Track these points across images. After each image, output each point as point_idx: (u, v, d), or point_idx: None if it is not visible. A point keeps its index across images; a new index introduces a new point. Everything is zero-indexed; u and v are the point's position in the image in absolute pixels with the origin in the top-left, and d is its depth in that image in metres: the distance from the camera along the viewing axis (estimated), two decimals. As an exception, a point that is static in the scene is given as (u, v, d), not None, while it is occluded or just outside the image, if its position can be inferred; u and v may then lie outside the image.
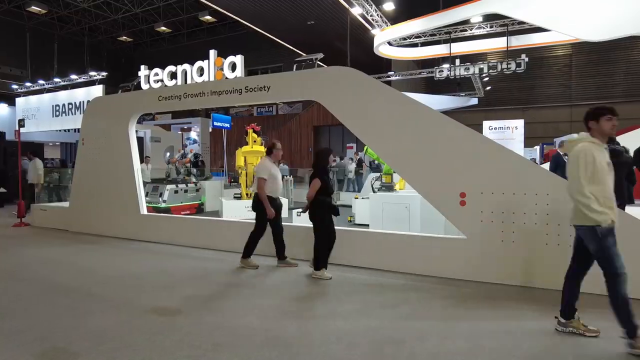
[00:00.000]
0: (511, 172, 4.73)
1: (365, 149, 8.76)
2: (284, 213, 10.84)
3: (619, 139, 9.30)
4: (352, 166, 15.84)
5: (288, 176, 13.55)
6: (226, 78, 7.14)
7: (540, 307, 4.02)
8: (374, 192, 7.83)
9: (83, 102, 21.88)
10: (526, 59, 18.42)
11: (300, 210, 8.95)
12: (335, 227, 5.26)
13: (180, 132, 25.29)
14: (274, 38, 26.44)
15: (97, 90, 21.79)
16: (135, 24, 32.14)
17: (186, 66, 7.63)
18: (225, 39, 31.60)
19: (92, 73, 26.61)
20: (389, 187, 7.70)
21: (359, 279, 5.06)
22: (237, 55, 7.15)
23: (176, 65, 7.76)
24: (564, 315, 3.48)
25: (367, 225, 7.51)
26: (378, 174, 9.17)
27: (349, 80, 5.69)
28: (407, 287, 4.73)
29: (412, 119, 5.27)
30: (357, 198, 9.70)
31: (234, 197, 11.36)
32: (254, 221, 5.63)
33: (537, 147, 21.84)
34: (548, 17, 9.82)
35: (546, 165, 10.94)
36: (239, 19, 23.89)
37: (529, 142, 22.92)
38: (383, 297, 4.42)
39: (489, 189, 4.76)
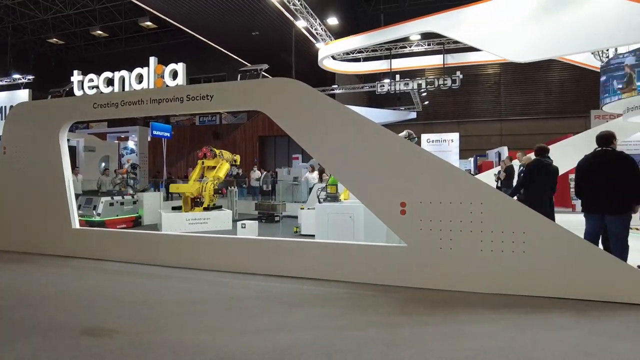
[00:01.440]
0: (448, 183, 4.98)
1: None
2: (228, 225, 10.69)
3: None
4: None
5: (233, 187, 13.33)
6: (167, 86, 6.93)
7: (476, 311, 4.24)
8: (319, 202, 7.90)
9: (5, 107, 20.17)
10: (461, 76, 19.64)
11: (244, 222, 8.82)
12: (282, 239, 5.23)
13: (116, 141, 24.02)
14: (218, 47, 26.06)
15: (23, 95, 20.19)
16: (68, 25, 30.25)
17: (124, 73, 7.30)
18: (166, 46, 30.64)
19: (17, 76, 24.62)
20: (334, 198, 7.81)
21: (304, 290, 5.05)
22: (178, 63, 6.97)
23: (113, 72, 7.41)
24: None
25: (313, 235, 7.55)
26: (323, 184, 9.27)
27: (294, 91, 5.74)
28: (351, 296, 4.80)
29: (354, 131, 5.40)
30: (303, 209, 9.73)
31: (172, 209, 11.00)
32: (200, 235, 5.46)
33: (472, 159, 23.24)
34: (479, 38, 10.56)
35: (482, 175, 11.62)
36: (180, 26, 23.31)
37: (463, 154, 24.34)
38: (328, 308, 4.44)
39: (428, 199, 4.97)
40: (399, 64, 21.61)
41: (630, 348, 3.38)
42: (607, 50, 11.02)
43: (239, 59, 26.57)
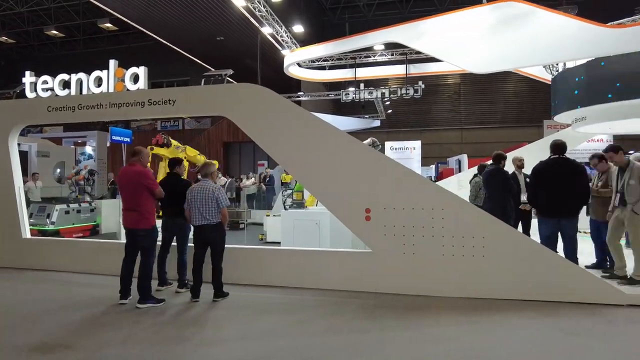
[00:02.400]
0: (411, 189, 5.09)
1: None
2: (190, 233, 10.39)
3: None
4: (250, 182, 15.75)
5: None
6: (128, 90, 6.72)
7: (440, 314, 4.34)
8: (285, 209, 7.87)
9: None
10: (422, 86, 20.20)
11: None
12: (247, 246, 5.18)
13: (73, 147, 22.97)
14: (181, 51, 25.57)
15: (-32, 97, 18.96)
16: (20, 24, 28.77)
17: (82, 75, 7.04)
18: (127, 49, 29.73)
19: (-39, 76, 23.12)
20: (299, 204, 7.80)
21: (271, 298, 5.00)
22: (140, 67, 6.79)
23: (70, 74, 7.11)
24: None
25: (279, 243, 7.50)
26: (290, 191, 9.25)
27: (259, 97, 5.71)
28: (318, 303, 4.80)
29: (320, 138, 5.44)
30: (269, 216, 9.66)
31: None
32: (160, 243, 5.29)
33: (433, 166, 23.90)
34: (440, 49, 10.92)
35: (443, 182, 11.95)
36: (142, 29, 22.71)
37: (425, 161, 24.97)
38: (294, 315, 4.42)
39: (392, 205, 5.06)
40: (364, 72, 21.96)
41: (581, 344, 3.57)
42: (557, 64, 11.69)
43: (203, 64, 26.17)
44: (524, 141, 15.06)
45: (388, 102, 27.43)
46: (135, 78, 6.76)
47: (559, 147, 5.39)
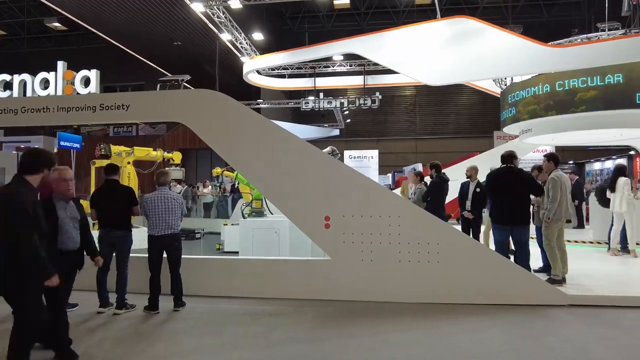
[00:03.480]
0: (369, 197, 5.19)
1: (235, 174, 8.67)
2: (142, 244, 9.99)
3: (452, 168, 10.95)
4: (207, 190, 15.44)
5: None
6: (77, 93, 6.41)
7: (398, 320, 4.42)
8: (243, 218, 7.75)
9: None
10: (380, 97, 20.70)
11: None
12: (204, 257, 5.05)
13: (15, 152, 21.53)
14: (136, 55, 24.74)
15: None
16: (-45, 20, 26.79)
17: (26, 76, 6.63)
18: (78, 51, 28.35)
19: None
20: (259, 213, 7.72)
21: (229, 310, 4.90)
22: (91, 70, 6.51)
23: (12, 74, 6.69)
24: None
25: (237, 252, 7.37)
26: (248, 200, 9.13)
27: (217, 104, 5.63)
28: (277, 313, 4.75)
29: (279, 145, 5.43)
30: (226, 225, 9.48)
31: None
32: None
33: (390, 175, 24.46)
34: (397, 61, 11.26)
35: (399, 190, 12.22)
36: (94, 30, 21.78)
37: (382, 170, 25.52)
38: (253, 326, 4.35)
39: (350, 212, 5.13)
40: (323, 82, 22.20)
41: (531, 344, 3.76)
42: (506, 78, 12.37)
43: (160, 69, 25.44)
44: (476, 151, 15.75)
45: (347, 112, 27.85)
46: (87, 81, 6.47)
47: (508, 158, 5.64)
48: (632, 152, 19.56)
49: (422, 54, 10.80)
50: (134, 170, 10.63)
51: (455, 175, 8.32)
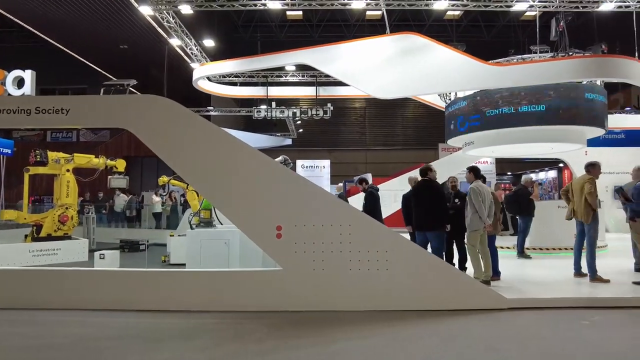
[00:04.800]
0: (321, 206, 5.22)
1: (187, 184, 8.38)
2: (83, 256, 9.43)
3: (399, 178, 11.29)
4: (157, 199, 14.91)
5: (88, 212, 11.89)
6: (9, 95, 5.97)
7: (348, 329, 4.46)
8: (191, 228, 7.51)
9: None
10: (331, 108, 21.03)
11: (103, 253, 7.92)
12: (147, 269, 4.83)
13: None
14: (78, 56, 23.46)
15: None
16: None
17: (-52, 75, 6.09)
18: (9, 49, 26.39)
19: None
20: (207, 223, 7.51)
21: (173, 324, 4.70)
22: (26, 70, 6.09)
23: None
24: None
25: (184, 264, 7.11)
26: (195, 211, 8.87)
27: (165, 110, 5.46)
28: (226, 326, 4.63)
29: (229, 154, 5.35)
30: (173, 235, 9.16)
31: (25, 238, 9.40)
32: (44, 269, 4.69)
33: (341, 184, 24.74)
34: (347, 74, 11.51)
35: (350, 200, 12.40)
36: (30, 28, 20.41)
37: (334, 179, 25.84)
38: (199, 340, 4.20)
39: (302, 222, 5.13)
40: (275, 91, 22.19)
41: (475, 347, 3.92)
42: (450, 93, 13.01)
43: (104, 72, 24.27)
44: (422, 162, 16.36)
45: (299, 122, 27.99)
46: (20, 82, 6.03)
47: (422, 171, 6.29)
48: (561, 165, 21.22)
49: (371, 68, 11.13)
50: (73, 178, 10.03)
51: (402, 185, 8.61)
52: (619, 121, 15.89)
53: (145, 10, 15.57)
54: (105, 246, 10.55)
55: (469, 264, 6.31)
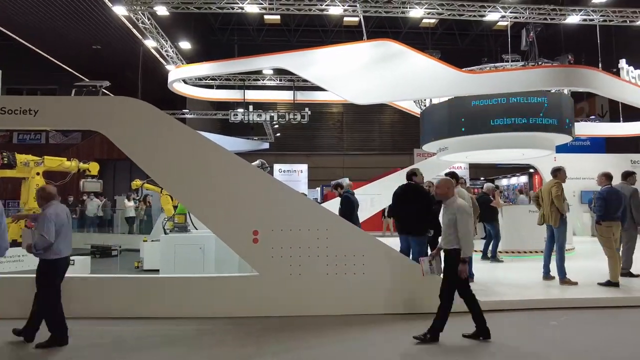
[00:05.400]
0: (298, 211, 5.22)
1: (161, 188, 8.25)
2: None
3: (376, 183, 11.38)
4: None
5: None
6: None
7: (325, 333, 4.45)
8: (165, 233, 7.37)
9: None
10: (309, 112, 21.08)
11: (72, 259, 7.67)
12: (121, 275, 4.71)
13: None
14: (47, 56, 22.73)
15: None
16: None
17: None
18: (-27, 47, 25.37)
19: None
20: (182, 228, 7.39)
21: (147, 332, 4.59)
22: (-8, 70, 5.85)
23: None
24: None
25: (158, 270, 6.97)
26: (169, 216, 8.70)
27: (139, 113, 5.35)
28: (201, 333, 4.55)
29: (205, 158, 5.29)
30: (146, 241, 8.97)
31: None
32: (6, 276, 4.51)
33: (318, 189, 24.83)
34: (325, 79, 11.56)
35: (328, 204, 12.45)
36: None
37: (311, 184, 25.86)
38: (174, 348, 4.12)
39: (279, 226, 5.11)
40: (253, 95, 22.08)
41: (449, 349, 3.98)
42: (425, 100, 13.24)
43: (76, 73, 23.60)
44: (398, 167, 16.56)
45: (277, 126, 27.90)
46: (-16, 82, 5.80)
47: (408, 175, 6.24)
48: (531, 170, 21.88)
49: (349, 73, 11.21)
50: (43, 182, 9.66)
51: (379, 189, 8.69)
52: (585, 129, 16.55)
53: (120, 11, 15.26)
54: (76, 252, 10.21)
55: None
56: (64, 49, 22.01)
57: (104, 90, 5.79)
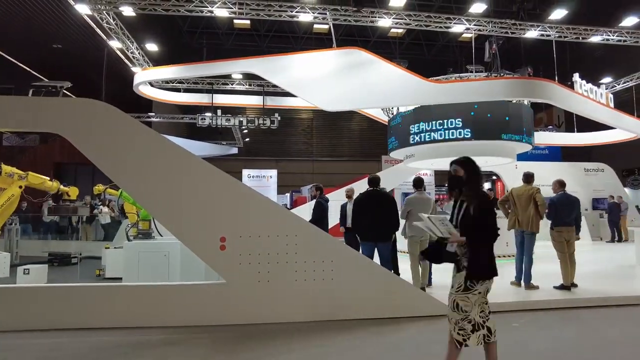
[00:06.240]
0: (267, 217, 5.18)
1: (119, 192, 8.02)
2: (4, 271, 8.63)
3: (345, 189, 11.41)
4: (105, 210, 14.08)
5: (11, 224, 10.92)
6: None
7: (293, 341, 4.42)
8: (128, 240, 7.13)
9: None
10: (279, 118, 21.04)
11: (27, 267, 7.30)
12: (80, 284, 4.51)
13: None
14: (2, 53, 21.64)
15: None
16: None
17: None
18: None
19: None
20: (146, 234, 7.18)
21: (109, 343, 4.42)
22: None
23: None
24: None
25: (120, 278, 6.73)
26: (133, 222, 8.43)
27: (102, 115, 5.18)
28: (167, 342, 4.43)
29: (171, 162, 5.17)
30: (108, 248, 8.65)
31: None
32: None
33: (288, 194, 24.78)
34: (294, 85, 11.60)
35: (297, 210, 12.43)
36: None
37: (281, 189, 25.76)
38: (140, 359, 3.98)
39: (247, 233, 5.05)
40: (221, 99, 21.83)
41: (419, 353, 4.04)
42: (392, 108, 13.51)
43: (34, 73, 22.58)
44: (366, 173, 16.77)
45: (246, 131, 27.67)
46: None
47: (374, 181, 6.25)
48: (494, 177, 22.69)
49: (318, 80, 11.31)
50: (19, 194, 9.16)
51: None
52: (543, 138, 17.35)
53: (83, 9, 14.75)
54: (32, 260, 9.72)
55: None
56: (22, 46, 21.04)
57: (65, 91, 5.57)
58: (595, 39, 17.37)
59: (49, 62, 22.07)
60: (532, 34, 17.01)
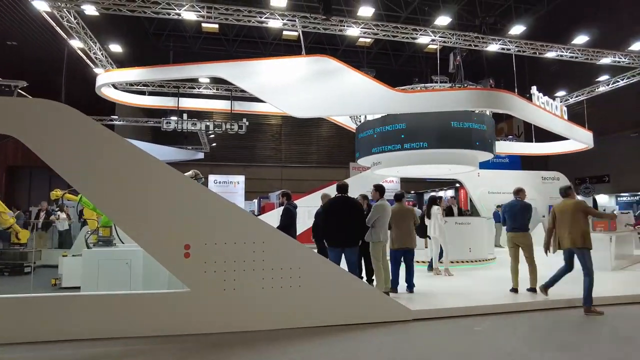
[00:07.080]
0: (233, 223, 5.10)
1: (79, 197, 7.68)
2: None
3: (313, 195, 11.46)
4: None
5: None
6: None
7: (260, 349, 4.36)
8: (88, 247, 6.84)
9: None
10: (247, 123, 20.86)
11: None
12: (33, 295, 4.28)
13: None
14: (-49, 51, 20.40)
15: None
16: None
17: None
18: None
19: None
20: (107, 242, 6.90)
21: (63, 356, 4.21)
22: None
23: None
24: None
25: (79, 288, 6.43)
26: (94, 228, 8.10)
27: (61, 117, 4.96)
28: (128, 354, 4.27)
29: (133, 167, 5.02)
30: (66, 256, 8.27)
31: None
32: None
33: (255, 201, 24.53)
34: (263, 90, 11.54)
35: (265, 216, 12.33)
36: None
37: (248, 195, 25.50)
38: (94, 371, 3.82)
39: (213, 240, 4.96)
40: (187, 103, 21.41)
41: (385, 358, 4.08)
42: (360, 116, 13.69)
43: (-15, 71, 21.37)
44: (335, 180, 16.87)
45: (212, 135, 27.26)
46: None
47: (342, 188, 6.37)
48: (457, 185, 23.39)
49: (287, 87, 11.31)
50: None
51: (317, 202, 8.77)
52: (504, 147, 18.05)
53: (41, 6, 14.13)
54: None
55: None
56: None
57: (20, 91, 5.31)
58: (551, 54, 18.32)
59: (2, 60, 20.98)
60: (493, 47, 17.73)
